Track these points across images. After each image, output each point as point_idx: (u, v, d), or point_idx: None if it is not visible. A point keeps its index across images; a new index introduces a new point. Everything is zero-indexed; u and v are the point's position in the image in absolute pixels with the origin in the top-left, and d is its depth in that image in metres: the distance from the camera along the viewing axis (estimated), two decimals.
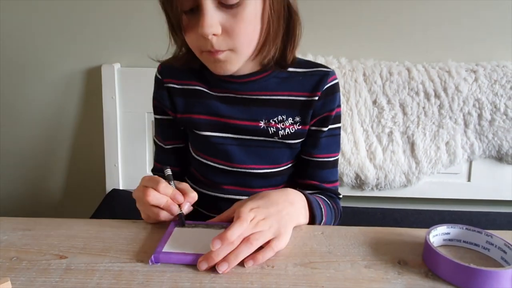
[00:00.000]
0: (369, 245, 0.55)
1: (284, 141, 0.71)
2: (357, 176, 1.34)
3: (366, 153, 1.34)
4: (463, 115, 1.30)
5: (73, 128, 1.43)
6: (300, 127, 0.71)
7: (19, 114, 1.42)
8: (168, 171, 0.60)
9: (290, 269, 0.50)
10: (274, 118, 0.70)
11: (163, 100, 0.75)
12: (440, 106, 1.30)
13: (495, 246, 0.52)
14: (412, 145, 1.34)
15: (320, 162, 0.75)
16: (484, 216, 1.31)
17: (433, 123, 1.32)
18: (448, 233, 0.55)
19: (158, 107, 0.77)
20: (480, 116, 1.30)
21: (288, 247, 0.54)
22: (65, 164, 1.48)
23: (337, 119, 0.74)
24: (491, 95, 1.28)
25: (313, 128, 0.72)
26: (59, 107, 1.41)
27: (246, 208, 0.54)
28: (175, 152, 0.80)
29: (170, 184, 0.57)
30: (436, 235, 0.54)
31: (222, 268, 0.48)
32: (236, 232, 0.49)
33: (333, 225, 0.73)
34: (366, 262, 0.52)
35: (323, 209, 0.68)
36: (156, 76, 0.76)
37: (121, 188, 1.41)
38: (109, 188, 1.40)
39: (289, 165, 0.76)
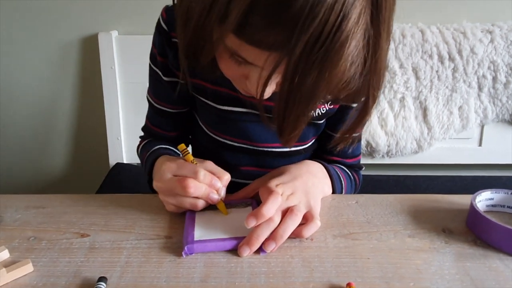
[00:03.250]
0: (408, 214, 0.52)
1: (314, 121, 0.65)
2: (368, 144, 1.31)
3: (378, 120, 1.30)
4: (478, 78, 1.26)
5: (71, 101, 1.37)
6: (331, 106, 0.64)
7: (14, 90, 1.35)
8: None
9: (330, 241, 0.47)
10: None
11: (168, 57, 0.62)
12: (454, 69, 1.25)
13: None
14: (425, 111, 1.30)
15: (345, 138, 0.70)
16: (495, 180, 1.30)
17: (447, 87, 1.28)
18: (491, 199, 0.53)
19: (160, 63, 0.63)
20: (494, 79, 1.25)
21: (323, 218, 0.51)
22: (65, 139, 1.42)
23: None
24: (507, 56, 1.23)
25: (342, 104, 0.66)
26: (56, 79, 1.34)
27: (272, 184, 0.50)
28: (176, 117, 0.70)
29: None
30: (480, 201, 0.51)
31: (270, 247, 0.44)
32: (272, 207, 0.45)
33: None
34: (409, 232, 0.49)
35: (343, 181, 0.64)
36: (159, 25, 0.60)
37: (125, 161, 1.37)
38: (112, 162, 1.36)
39: (313, 141, 0.71)
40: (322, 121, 0.66)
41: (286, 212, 0.47)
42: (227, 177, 0.51)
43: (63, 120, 1.39)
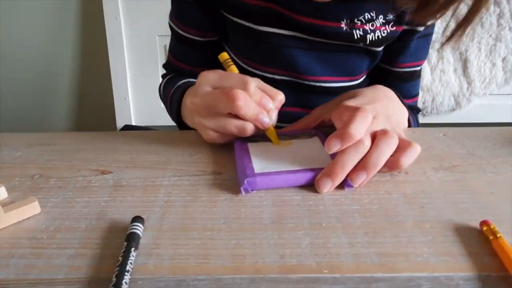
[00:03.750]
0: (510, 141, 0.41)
1: (371, 48, 0.53)
2: None
3: None
4: None
5: (73, 58, 1.24)
6: (394, 28, 0.52)
7: (11, 47, 1.22)
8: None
9: (431, 175, 0.36)
10: (361, 16, 0.51)
11: None
12: (500, 15, 1.12)
13: None
14: (465, 63, 1.18)
15: (404, 73, 0.58)
16: None
17: (490, 35, 1.15)
18: None
19: None
20: None
21: None
22: (68, 101, 1.30)
23: None
24: None
25: (406, 27, 0.54)
26: (56, 33, 1.21)
27: (350, 105, 0.38)
28: (203, 47, 0.59)
29: None
30: None
31: (359, 179, 0.33)
32: (361, 126, 0.33)
33: None
34: None
35: (412, 121, 0.53)
36: None
37: (133, 123, 1.25)
38: (120, 124, 1.24)
39: (364, 77, 0.59)
40: (379, 49, 0.54)
41: (373, 138, 0.35)
42: (281, 97, 0.39)
43: (65, 80, 1.27)
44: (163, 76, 0.65)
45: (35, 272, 0.25)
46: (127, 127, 1.23)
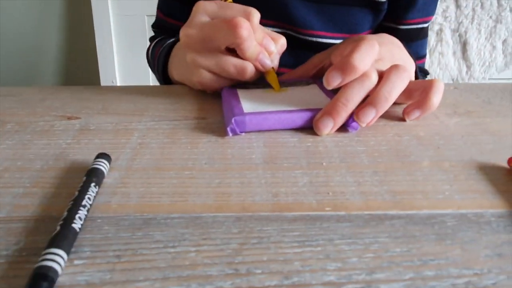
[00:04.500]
0: None
1: (374, 2, 0.49)
2: None
3: None
4: None
5: (58, 41, 1.19)
6: None
7: None
8: None
9: (446, 120, 0.31)
10: None
11: None
12: None
13: None
14: (464, 45, 1.14)
15: (411, 30, 0.54)
16: None
17: (490, 17, 1.12)
18: None
19: None
20: None
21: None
22: (54, 84, 1.25)
23: None
24: None
25: None
26: (40, 13, 1.15)
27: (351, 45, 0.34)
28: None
29: None
30: None
31: (367, 117, 0.28)
32: (366, 56, 0.28)
33: None
34: None
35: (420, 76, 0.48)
36: None
37: None
38: None
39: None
40: (384, 2, 0.50)
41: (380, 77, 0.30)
42: (283, 41, 0.35)
43: (51, 63, 1.21)
44: (151, 38, 0.60)
45: None
46: None
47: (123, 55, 1.16)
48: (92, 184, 0.21)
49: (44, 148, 0.27)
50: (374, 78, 0.29)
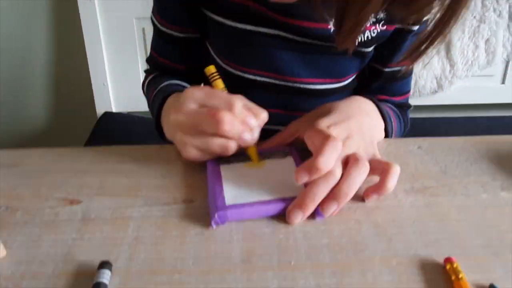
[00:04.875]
0: (491, 160, 0.41)
1: (360, 49, 0.51)
2: None
3: None
4: (509, 7, 1.12)
5: (46, 42, 1.19)
6: (384, 27, 0.50)
7: None
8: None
9: (403, 199, 0.36)
10: None
11: None
12: None
13: None
14: (448, 45, 1.17)
15: (396, 72, 0.56)
16: None
17: (474, 17, 1.13)
18: None
19: None
20: None
21: None
22: (43, 88, 1.25)
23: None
24: None
25: (398, 26, 0.51)
26: (26, 15, 1.14)
27: (322, 125, 0.38)
28: (185, 44, 0.57)
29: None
30: None
31: (330, 209, 0.33)
32: (331, 157, 0.32)
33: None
34: (500, 183, 0.38)
35: (393, 124, 0.52)
36: None
37: (114, 110, 1.22)
38: (100, 111, 1.21)
39: (353, 77, 0.58)
40: (370, 50, 0.53)
41: (345, 162, 0.35)
42: (264, 115, 0.38)
43: (39, 65, 1.21)
44: (146, 72, 0.63)
45: None
46: (107, 115, 1.20)
47: (112, 57, 1.17)
48: None
49: (53, 246, 0.31)
50: (338, 174, 0.33)
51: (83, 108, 1.25)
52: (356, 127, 0.39)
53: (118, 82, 1.20)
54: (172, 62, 0.59)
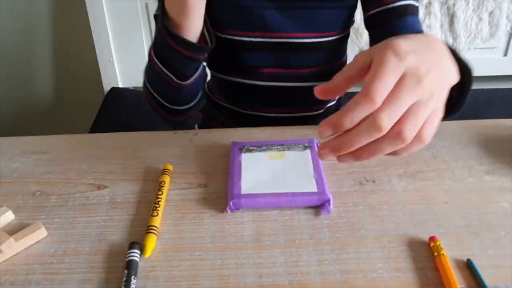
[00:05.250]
0: (479, 144, 0.45)
1: None
2: None
3: None
4: None
5: (51, 20, 1.19)
6: None
7: None
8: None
9: (396, 183, 0.40)
10: None
11: None
12: None
13: None
14: (452, 18, 1.16)
15: (398, 7, 0.54)
16: None
17: None
18: None
19: None
20: None
21: None
22: (50, 66, 1.27)
23: None
24: None
25: None
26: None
27: (402, 47, 0.29)
28: None
29: None
30: None
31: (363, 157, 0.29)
32: (387, 77, 0.27)
33: None
34: (485, 167, 0.41)
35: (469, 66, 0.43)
36: None
37: (120, 86, 1.25)
38: (107, 87, 1.24)
39: (342, 35, 0.59)
40: None
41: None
42: None
43: (45, 45, 1.23)
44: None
45: None
46: (114, 90, 1.23)
47: (117, 34, 1.18)
48: (132, 277, 0.30)
49: (87, 227, 0.36)
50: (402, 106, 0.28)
51: (90, 84, 1.28)
52: (434, 62, 0.30)
53: (123, 58, 1.21)
54: None
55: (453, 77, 0.34)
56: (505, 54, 1.25)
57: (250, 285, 0.30)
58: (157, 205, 0.36)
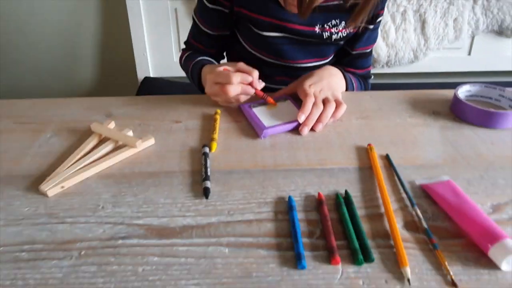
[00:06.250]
0: (408, 102, 0.72)
1: (336, 43, 0.81)
2: None
3: (380, 33, 1.43)
4: None
5: (95, 19, 1.46)
6: (351, 30, 0.79)
7: (35, 9, 1.43)
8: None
9: (354, 121, 0.66)
10: (329, 22, 0.77)
11: None
12: None
13: (505, 97, 0.69)
14: (423, 23, 1.43)
15: (359, 54, 0.86)
16: None
17: (445, 0, 1.40)
18: (470, 91, 0.72)
19: None
20: None
21: (348, 106, 0.69)
22: (92, 57, 1.54)
23: (382, 13, 0.81)
24: None
25: (361, 25, 0.79)
26: (79, 5, 1.42)
27: (306, 85, 0.68)
28: (217, 38, 0.85)
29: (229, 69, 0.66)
30: (461, 92, 0.70)
31: (319, 128, 0.63)
32: (310, 105, 0.63)
33: None
34: (409, 114, 0.68)
35: (354, 84, 0.82)
36: None
37: (151, 76, 1.51)
38: (140, 77, 1.50)
39: (332, 57, 0.87)
40: (341, 42, 0.82)
41: (324, 102, 0.65)
42: (255, 73, 0.65)
43: (88, 39, 1.50)
44: (183, 50, 0.92)
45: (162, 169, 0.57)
46: (147, 79, 1.50)
47: (151, 32, 1.44)
48: (208, 159, 0.57)
49: (175, 141, 0.62)
50: (321, 106, 0.64)
51: (126, 73, 1.55)
52: (326, 84, 0.70)
53: (155, 52, 1.48)
54: (205, 47, 0.87)
55: (343, 86, 0.77)
56: (469, 54, 1.52)
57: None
58: (215, 130, 0.63)
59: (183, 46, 0.94)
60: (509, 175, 0.54)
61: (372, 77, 0.92)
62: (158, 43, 1.47)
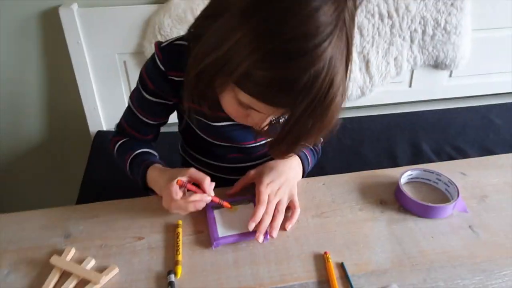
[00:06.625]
0: (358, 190, 0.77)
1: None
2: None
3: None
4: (410, 32, 1.47)
5: (41, 78, 1.40)
6: None
7: None
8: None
9: (310, 221, 0.71)
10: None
11: (165, 90, 0.73)
12: (392, 26, 1.45)
13: (441, 181, 0.76)
14: (367, 63, 1.51)
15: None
16: (420, 114, 1.60)
17: (385, 41, 1.48)
18: (411, 175, 0.78)
19: (154, 92, 0.74)
20: (424, 32, 1.47)
21: (302, 202, 0.73)
22: (40, 116, 1.47)
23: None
24: (434, 12, 1.44)
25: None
26: (20, 57, 1.35)
27: (263, 185, 0.70)
28: (155, 126, 0.82)
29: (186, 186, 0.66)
30: (404, 177, 0.77)
31: (274, 234, 0.67)
32: (260, 213, 0.66)
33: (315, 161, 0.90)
34: (359, 206, 0.74)
35: (309, 159, 0.85)
36: (156, 64, 0.70)
37: (104, 129, 1.48)
38: (93, 130, 1.46)
39: None
40: None
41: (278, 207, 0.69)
42: (207, 180, 0.67)
43: (35, 97, 1.43)
44: (115, 136, 0.85)
45: None
46: (100, 133, 1.46)
47: (100, 86, 1.40)
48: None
49: (139, 265, 0.63)
50: (270, 212, 0.67)
51: (78, 129, 1.50)
52: (284, 180, 0.73)
53: (106, 105, 1.45)
54: (141, 135, 0.82)
55: (299, 176, 0.78)
56: (410, 86, 1.63)
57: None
58: (178, 250, 0.65)
59: (127, 91, 0.89)
60: (448, 276, 0.61)
61: (322, 141, 0.96)
62: (108, 97, 1.44)
